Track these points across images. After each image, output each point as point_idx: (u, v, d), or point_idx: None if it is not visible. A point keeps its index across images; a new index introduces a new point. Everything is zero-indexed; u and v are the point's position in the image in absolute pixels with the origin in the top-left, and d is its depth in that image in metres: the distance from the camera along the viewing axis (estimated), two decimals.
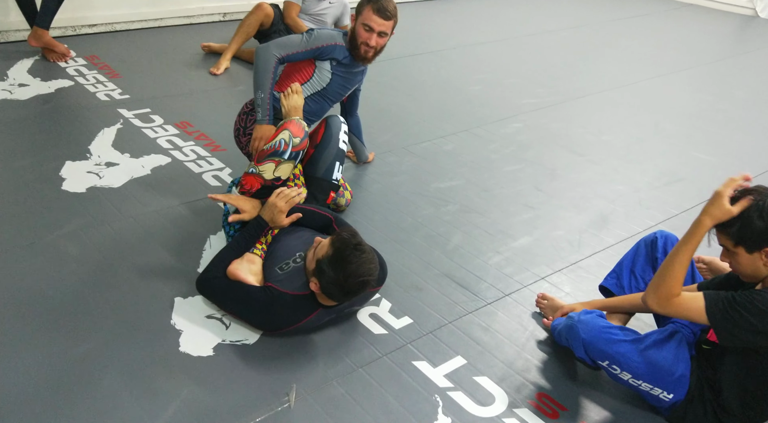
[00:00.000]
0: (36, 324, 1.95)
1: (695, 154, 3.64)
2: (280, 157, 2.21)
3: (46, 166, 2.80)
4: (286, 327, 1.97)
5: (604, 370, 1.84)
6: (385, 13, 2.52)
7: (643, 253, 2.10)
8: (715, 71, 5.18)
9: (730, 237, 1.63)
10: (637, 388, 1.80)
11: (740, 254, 1.64)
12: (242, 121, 2.68)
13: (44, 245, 2.30)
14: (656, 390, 1.77)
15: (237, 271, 2.01)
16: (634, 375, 1.77)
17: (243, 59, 4.31)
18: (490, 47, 5.20)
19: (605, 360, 1.79)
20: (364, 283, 1.89)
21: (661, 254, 2.04)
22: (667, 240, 2.07)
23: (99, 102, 3.49)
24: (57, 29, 4.24)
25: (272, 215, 2.10)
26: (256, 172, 2.22)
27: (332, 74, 2.63)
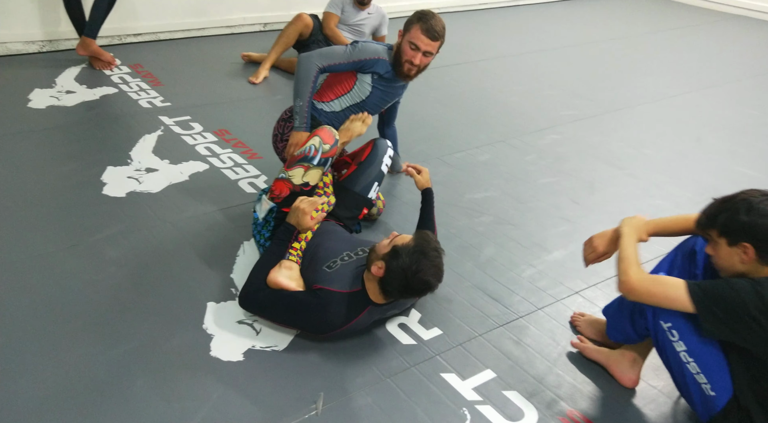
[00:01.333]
0: (76, 324, 2.00)
1: (738, 169, 3.53)
2: (309, 163, 2.24)
3: (88, 171, 2.88)
4: (339, 327, 1.97)
5: (659, 334, 1.74)
6: (434, 34, 2.53)
7: (679, 266, 1.97)
8: (760, 85, 5.03)
9: (714, 226, 1.67)
10: (682, 367, 1.70)
11: (721, 246, 1.67)
12: (280, 127, 2.72)
13: (85, 248, 2.37)
14: (702, 377, 1.68)
15: (277, 279, 2.01)
16: (690, 350, 1.68)
17: (282, 69, 4.37)
18: (529, 58, 5.16)
19: (669, 321, 1.71)
20: (428, 284, 1.91)
21: (701, 270, 1.91)
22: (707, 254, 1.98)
23: (141, 109, 3.58)
24: (103, 38, 4.38)
25: (297, 219, 2.13)
26: (285, 177, 2.26)
27: (372, 87, 2.66)
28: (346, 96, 2.67)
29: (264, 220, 2.32)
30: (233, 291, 2.22)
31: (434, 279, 1.92)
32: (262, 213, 2.29)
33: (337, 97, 2.67)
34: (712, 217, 1.68)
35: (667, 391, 1.99)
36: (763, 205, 1.61)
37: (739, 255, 1.64)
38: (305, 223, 2.13)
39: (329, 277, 2.01)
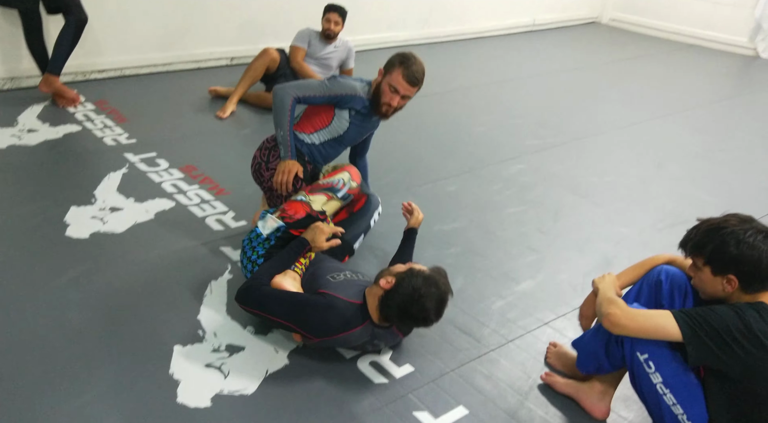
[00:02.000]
0: (35, 373, 1.94)
1: (698, 194, 3.63)
2: (334, 194, 2.34)
3: (50, 212, 2.83)
4: (335, 334, 1.98)
5: (635, 366, 1.75)
6: (414, 80, 2.58)
7: (645, 297, 1.99)
8: (716, 112, 5.20)
9: (701, 255, 1.71)
10: (659, 398, 1.72)
11: (705, 272, 1.71)
12: (264, 155, 2.71)
13: (46, 292, 2.31)
14: (678, 408, 1.70)
15: (282, 284, 2.08)
16: (666, 382, 1.71)
17: (249, 103, 4.37)
18: (493, 89, 5.26)
19: (645, 353, 1.72)
20: (426, 313, 1.93)
21: (667, 301, 1.93)
22: (673, 284, 1.95)
23: (106, 147, 3.54)
24: (67, 75, 4.33)
25: (314, 235, 2.22)
26: (305, 200, 2.32)
27: (350, 123, 2.69)
28: (325, 130, 2.69)
29: (265, 237, 2.32)
30: (200, 333, 2.18)
31: (434, 312, 1.94)
32: (267, 230, 2.31)
33: (316, 131, 2.69)
34: (699, 246, 1.72)
35: (637, 421, 2.00)
36: (751, 238, 1.65)
37: (722, 284, 1.69)
38: (320, 241, 2.22)
39: (333, 285, 2.08)
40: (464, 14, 6.68)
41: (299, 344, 2.15)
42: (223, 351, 2.11)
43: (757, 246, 1.64)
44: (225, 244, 2.72)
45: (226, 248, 2.69)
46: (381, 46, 6.06)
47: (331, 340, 2.02)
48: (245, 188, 3.21)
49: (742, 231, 1.66)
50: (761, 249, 1.64)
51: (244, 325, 2.24)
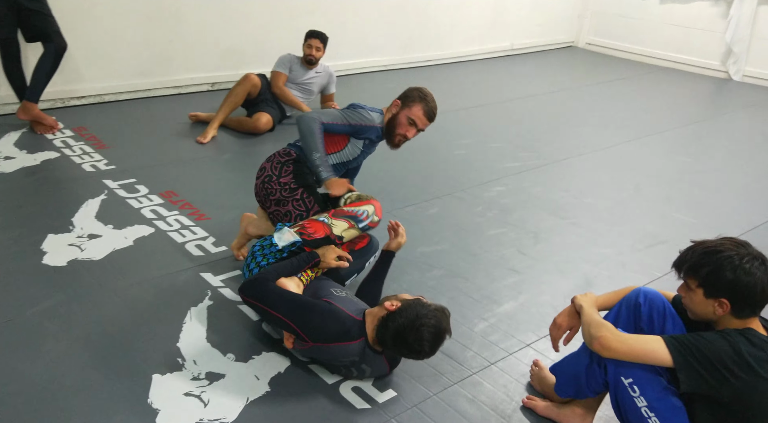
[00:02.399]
0: (9, 406, 1.90)
1: (676, 215, 3.68)
2: (356, 223, 2.36)
3: (27, 240, 2.79)
4: (331, 342, 2.01)
5: (619, 390, 1.75)
6: (432, 116, 2.79)
7: (624, 319, 1.99)
8: (691, 133, 5.31)
9: (696, 277, 1.70)
10: (644, 421, 1.72)
11: (698, 294, 1.71)
12: (275, 168, 2.68)
13: (21, 322, 2.27)
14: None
15: (287, 285, 2.10)
16: (651, 405, 1.70)
17: (230, 128, 4.38)
18: (473, 112, 5.32)
19: (630, 377, 1.72)
20: (421, 343, 1.92)
21: (646, 324, 1.92)
22: (652, 307, 1.95)
23: (84, 173, 3.51)
24: (46, 102, 4.31)
25: (325, 251, 2.28)
26: (327, 222, 2.34)
27: (361, 151, 2.79)
28: (336, 154, 2.75)
29: (279, 248, 2.34)
30: (180, 361, 2.15)
31: (429, 344, 1.94)
32: (283, 242, 2.33)
33: (327, 155, 2.72)
34: (694, 268, 1.71)
35: None
36: (748, 264, 1.64)
37: (713, 307, 1.68)
38: (329, 258, 2.27)
39: (336, 298, 2.13)
40: (444, 39, 6.78)
41: (286, 359, 2.13)
42: (203, 379, 2.08)
43: (752, 272, 1.63)
44: (205, 270, 2.70)
45: (207, 274, 2.67)
46: (362, 70, 6.12)
47: (325, 348, 2.02)
48: (226, 214, 3.20)
49: (738, 256, 1.65)
50: (757, 276, 1.63)
51: (225, 352, 2.21)
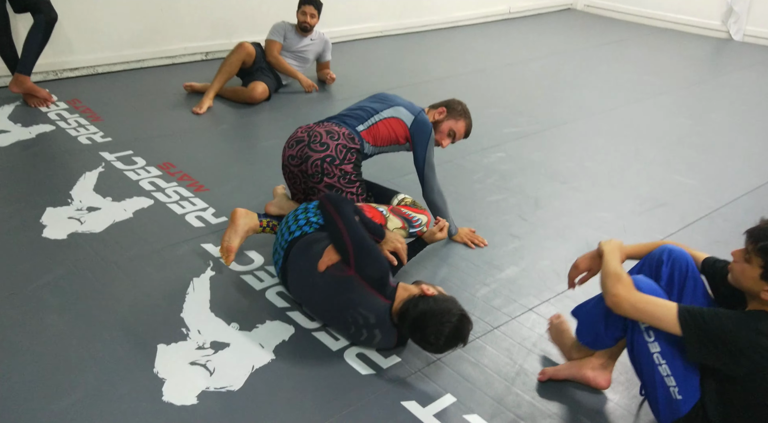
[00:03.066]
0: (15, 379, 1.91)
1: (676, 178, 3.67)
2: (408, 226, 2.43)
3: (26, 214, 2.78)
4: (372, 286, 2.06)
5: (635, 334, 1.74)
6: (468, 135, 2.95)
7: (646, 275, 1.93)
8: (692, 95, 5.26)
9: (764, 257, 1.60)
10: (654, 368, 1.71)
11: (754, 270, 1.62)
12: (340, 153, 2.57)
13: (24, 296, 2.27)
14: (671, 380, 1.69)
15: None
16: (663, 352, 1.69)
17: (226, 98, 4.33)
18: (468, 78, 5.26)
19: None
20: (438, 337, 1.91)
21: (665, 283, 1.88)
22: (674, 266, 1.90)
23: (81, 146, 3.48)
24: (38, 74, 4.25)
25: (389, 237, 2.30)
26: (385, 214, 2.38)
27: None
28: (388, 147, 2.81)
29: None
30: (184, 331, 2.16)
31: (445, 340, 1.91)
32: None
33: (382, 146, 2.77)
34: (765, 248, 1.61)
35: (623, 403, 2.02)
36: None
37: (763, 289, 1.61)
38: (386, 245, 2.29)
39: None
40: (439, 4, 6.66)
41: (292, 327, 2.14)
42: (208, 348, 2.09)
43: None
44: (206, 241, 2.69)
45: (207, 245, 2.66)
46: (357, 37, 6.03)
47: (358, 286, 2.05)
48: (224, 184, 3.19)
49: None
50: None
51: (229, 321, 2.22)
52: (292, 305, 2.33)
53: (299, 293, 2.24)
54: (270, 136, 3.89)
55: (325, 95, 4.61)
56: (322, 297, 2.13)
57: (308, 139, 2.61)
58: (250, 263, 2.56)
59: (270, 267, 2.54)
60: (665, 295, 1.78)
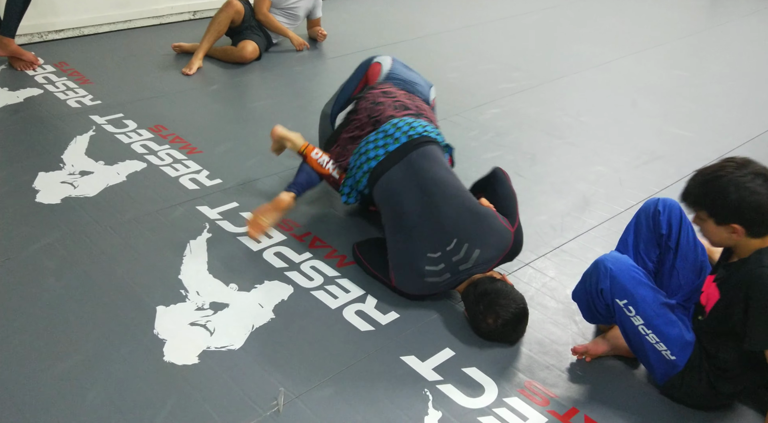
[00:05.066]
0: (15, 342, 1.92)
1: (672, 130, 3.65)
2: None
3: (18, 179, 2.75)
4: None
5: (616, 311, 1.78)
6: None
7: (645, 229, 1.99)
8: (688, 46, 5.19)
9: (702, 207, 1.68)
10: (642, 338, 1.76)
11: (709, 224, 1.68)
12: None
13: (20, 261, 2.26)
14: (661, 346, 1.74)
15: None
16: (647, 323, 1.74)
17: (216, 58, 4.25)
18: (463, 33, 5.17)
19: (624, 298, 1.75)
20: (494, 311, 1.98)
21: (665, 229, 1.94)
22: (671, 212, 1.95)
23: (70, 109, 3.42)
24: (23, 37, 4.16)
25: None
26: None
27: None
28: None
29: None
30: (183, 293, 2.16)
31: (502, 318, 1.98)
32: None
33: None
34: (698, 199, 1.68)
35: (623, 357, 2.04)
36: (750, 183, 1.59)
37: (728, 233, 1.65)
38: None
39: None
40: None
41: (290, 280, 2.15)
42: (207, 309, 2.10)
43: (757, 191, 1.58)
44: (201, 203, 2.68)
45: (203, 207, 2.65)
46: None
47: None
48: (217, 146, 3.15)
49: (740, 176, 1.60)
50: (762, 194, 1.58)
51: (227, 282, 2.23)
52: (290, 265, 2.33)
53: (403, 186, 2.20)
54: (262, 97, 3.84)
55: (316, 53, 4.53)
56: (451, 208, 2.13)
57: (416, 110, 2.55)
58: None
59: None
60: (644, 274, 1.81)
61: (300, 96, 3.91)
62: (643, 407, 1.85)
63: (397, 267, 2.15)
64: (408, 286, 2.15)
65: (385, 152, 2.29)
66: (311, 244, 2.46)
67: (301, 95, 3.92)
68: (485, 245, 2.12)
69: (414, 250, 2.12)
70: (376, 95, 2.58)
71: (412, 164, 2.23)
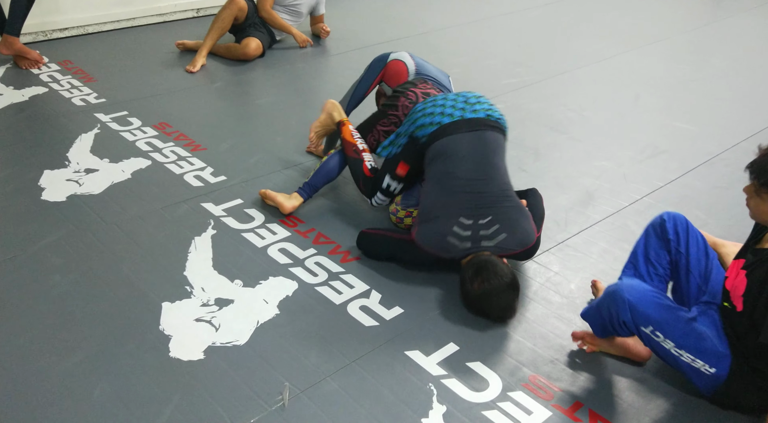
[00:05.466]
0: (23, 339, 1.93)
1: (675, 124, 3.64)
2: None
3: (23, 177, 2.76)
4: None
5: (644, 337, 1.77)
6: None
7: (653, 238, 2.01)
8: (690, 40, 5.17)
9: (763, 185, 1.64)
10: (677, 359, 1.74)
11: (766, 203, 1.65)
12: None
13: (26, 258, 2.27)
14: (698, 362, 1.72)
15: None
16: (678, 344, 1.72)
17: (219, 55, 4.25)
18: (464, 29, 5.16)
19: (649, 325, 1.73)
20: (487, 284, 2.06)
21: (672, 235, 1.96)
22: (676, 220, 1.99)
23: (75, 107, 3.44)
24: (27, 35, 4.17)
25: None
26: None
27: None
28: None
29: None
30: (188, 289, 2.17)
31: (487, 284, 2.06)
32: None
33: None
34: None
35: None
36: None
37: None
38: None
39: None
40: None
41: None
42: (213, 305, 2.11)
43: None
44: (206, 200, 2.69)
45: (207, 204, 2.66)
46: None
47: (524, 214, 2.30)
48: (221, 143, 3.16)
49: None
50: None
51: (232, 278, 2.24)
52: (295, 262, 2.34)
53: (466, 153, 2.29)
54: (265, 94, 3.85)
55: (319, 50, 4.53)
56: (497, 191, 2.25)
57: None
58: (251, 221, 2.57)
59: (271, 225, 2.54)
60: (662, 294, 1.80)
61: (303, 93, 3.92)
62: (648, 401, 1.86)
63: (426, 219, 2.24)
64: (428, 240, 2.21)
65: (461, 116, 2.35)
66: (315, 241, 2.47)
67: (304, 92, 3.93)
68: (512, 235, 2.19)
69: (450, 208, 2.20)
70: (418, 95, 2.65)
71: (482, 140, 2.32)
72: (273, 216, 2.59)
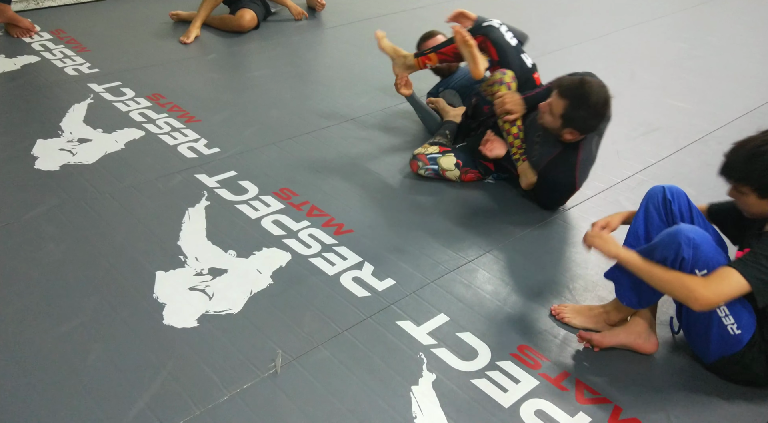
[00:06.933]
0: (18, 305, 1.95)
1: (670, 102, 3.64)
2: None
3: (16, 146, 2.76)
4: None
5: None
6: None
7: (655, 219, 1.95)
8: (688, 18, 5.15)
9: (747, 183, 1.68)
10: (710, 313, 1.71)
11: (751, 197, 1.69)
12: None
13: (20, 226, 2.28)
14: (730, 319, 1.71)
15: None
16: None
17: (213, 27, 4.22)
18: (460, 4, 5.11)
19: (704, 269, 1.70)
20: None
21: (680, 219, 1.91)
22: (680, 200, 1.94)
23: (68, 77, 3.41)
24: (18, 3, 4.13)
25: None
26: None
27: None
28: None
29: None
30: (182, 258, 2.19)
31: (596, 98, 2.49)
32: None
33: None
34: (743, 175, 1.68)
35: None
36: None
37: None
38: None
39: None
40: None
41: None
42: (206, 274, 2.13)
43: None
44: (199, 171, 2.69)
45: (201, 175, 2.66)
46: None
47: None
48: (215, 115, 3.15)
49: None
50: None
51: (225, 249, 2.25)
52: (288, 233, 2.36)
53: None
54: (260, 66, 3.82)
55: (315, 23, 4.50)
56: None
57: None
58: (245, 193, 2.57)
59: (265, 197, 2.55)
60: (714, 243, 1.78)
61: (298, 65, 3.89)
62: (634, 371, 1.90)
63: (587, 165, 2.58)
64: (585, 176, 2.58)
65: None
66: (309, 213, 2.48)
67: (299, 65, 3.90)
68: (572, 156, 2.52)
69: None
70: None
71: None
72: (266, 188, 2.60)
